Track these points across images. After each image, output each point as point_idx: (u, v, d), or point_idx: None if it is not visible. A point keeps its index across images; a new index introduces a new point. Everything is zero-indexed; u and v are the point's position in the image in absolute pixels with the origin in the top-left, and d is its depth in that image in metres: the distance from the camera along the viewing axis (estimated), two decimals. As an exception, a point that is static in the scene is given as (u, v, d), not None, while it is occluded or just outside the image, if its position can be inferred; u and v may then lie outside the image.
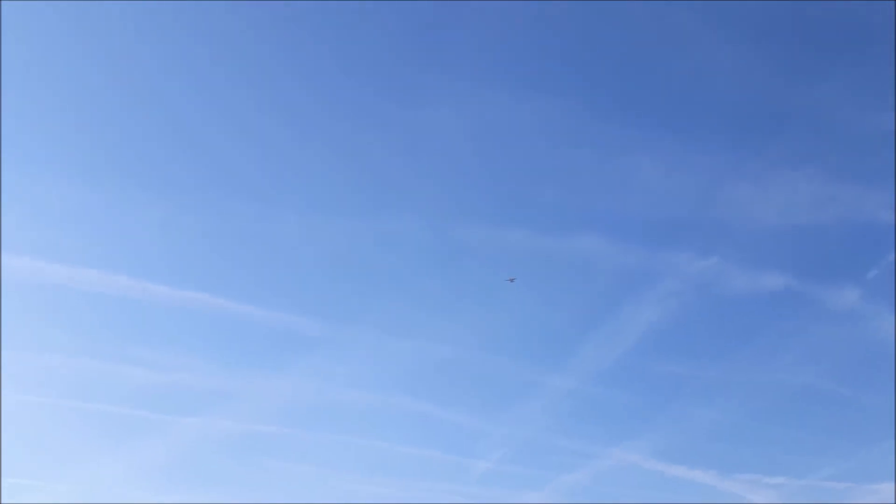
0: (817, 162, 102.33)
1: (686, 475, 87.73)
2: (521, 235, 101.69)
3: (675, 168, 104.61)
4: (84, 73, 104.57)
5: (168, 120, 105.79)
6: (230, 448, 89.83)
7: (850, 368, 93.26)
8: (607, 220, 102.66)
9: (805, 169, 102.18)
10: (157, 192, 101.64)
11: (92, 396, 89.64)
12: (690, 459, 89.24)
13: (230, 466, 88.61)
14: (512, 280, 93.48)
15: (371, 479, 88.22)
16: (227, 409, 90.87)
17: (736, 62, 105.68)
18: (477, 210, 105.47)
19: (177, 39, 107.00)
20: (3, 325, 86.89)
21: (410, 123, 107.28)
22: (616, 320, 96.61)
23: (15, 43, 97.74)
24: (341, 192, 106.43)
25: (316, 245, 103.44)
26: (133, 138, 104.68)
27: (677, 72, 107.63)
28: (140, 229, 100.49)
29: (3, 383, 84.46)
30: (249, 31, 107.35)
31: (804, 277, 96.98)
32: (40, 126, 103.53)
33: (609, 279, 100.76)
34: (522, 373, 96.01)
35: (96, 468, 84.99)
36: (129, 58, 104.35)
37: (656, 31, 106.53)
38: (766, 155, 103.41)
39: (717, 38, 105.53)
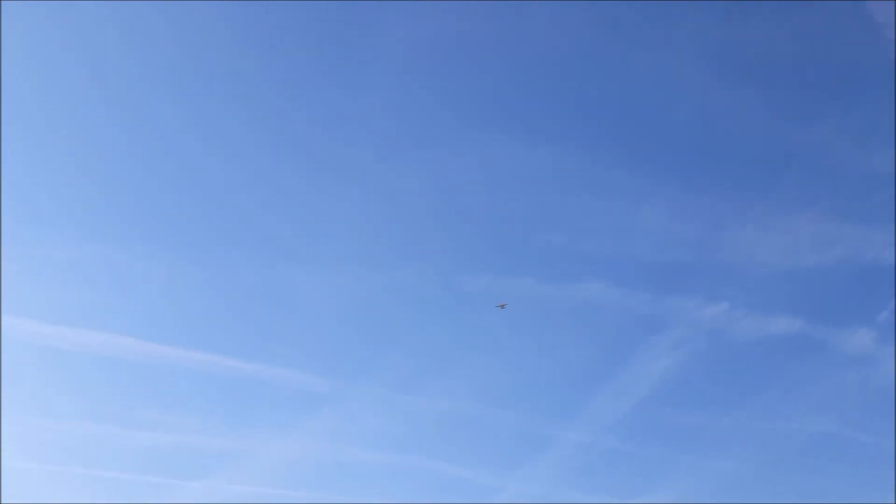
0: (820, 204, 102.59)
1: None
2: (528, 283, 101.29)
3: (679, 213, 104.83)
4: (88, 127, 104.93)
5: (172, 174, 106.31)
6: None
7: (868, 414, 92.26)
8: (613, 266, 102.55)
9: (808, 211, 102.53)
10: (160, 248, 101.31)
11: (96, 462, 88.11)
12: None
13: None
14: (503, 306, 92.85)
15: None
16: (234, 471, 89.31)
17: (735, 107, 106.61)
18: (483, 259, 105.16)
19: (185, 92, 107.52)
20: (3, 389, 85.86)
21: (413, 174, 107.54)
22: (627, 369, 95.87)
23: (14, 98, 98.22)
24: (346, 243, 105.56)
25: (321, 299, 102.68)
26: (137, 193, 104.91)
27: (677, 118, 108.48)
28: (143, 288, 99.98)
29: (4, 450, 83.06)
30: (261, 80, 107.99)
31: (815, 321, 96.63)
32: (41, 182, 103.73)
33: (618, 326, 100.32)
34: (534, 426, 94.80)
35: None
36: (135, 109, 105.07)
37: (657, 79, 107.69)
38: (768, 198, 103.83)
39: (716, 83, 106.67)
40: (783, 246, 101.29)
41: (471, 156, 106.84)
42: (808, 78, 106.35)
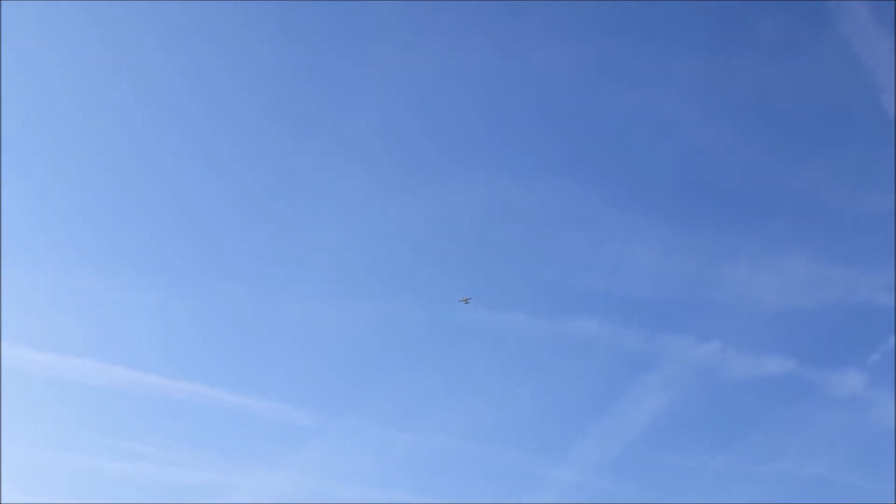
0: (811, 244, 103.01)
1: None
2: (520, 319, 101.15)
3: (670, 251, 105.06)
4: (83, 153, 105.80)
5: (164, 203, 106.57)
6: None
7: (860, 457, 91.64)
8: (605, 302, 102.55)
9: (799, 251, 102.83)
10: (152, 278, 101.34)
11: (78, 494, 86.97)
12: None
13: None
14: (466, 301, 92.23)
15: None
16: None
17: (727, 146, 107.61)
18: (473, 293, 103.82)
19: (180, 114, 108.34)
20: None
21: (404, 206, 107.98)
22: (618, 408, 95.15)
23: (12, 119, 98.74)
24: (336, 274, 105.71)
25: (312, 330, 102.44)
26: (129, 222, 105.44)
27: (670, 156, 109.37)
28: (132, 317, 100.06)
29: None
30: (257, 106, 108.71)
31: (806, 362, 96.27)
32: (39, 210, 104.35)
33: (610, 364, 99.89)
34: (525, 465, 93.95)
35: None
36: (128, 134, 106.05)
37: (650, 117, 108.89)
38: (759, 238, 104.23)
39: (709, 122, 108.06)
40: (775, 286, 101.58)
41: (462, 189, 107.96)
42: (799, 119, 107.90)
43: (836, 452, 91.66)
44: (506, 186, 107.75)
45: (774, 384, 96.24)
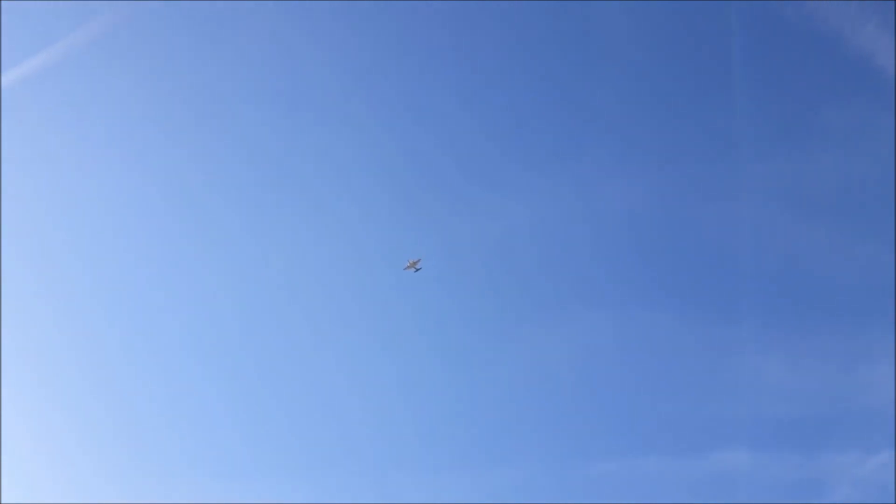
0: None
1: None
2: (656, 461, 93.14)
3: (800, 362, 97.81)
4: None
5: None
6: None
7: None
8: (746, 429, 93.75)
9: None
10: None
11: None
12: None
13: None
14: (415, 266, 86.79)
15: None
16: None
17: (826, 242, 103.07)
18: (601, 444, 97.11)
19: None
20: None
21: (507, 358, 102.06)
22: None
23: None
24: (453, 445, 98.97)
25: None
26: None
27: (770, 264, 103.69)
28: None
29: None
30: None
31: None
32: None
33: (769, 496, 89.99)
34: None
35: None
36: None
37: (737, 228, 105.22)
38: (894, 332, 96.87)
39: (798, 221, 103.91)
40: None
41: (561, 332, 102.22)
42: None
43: None
44: (607, 321, 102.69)
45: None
